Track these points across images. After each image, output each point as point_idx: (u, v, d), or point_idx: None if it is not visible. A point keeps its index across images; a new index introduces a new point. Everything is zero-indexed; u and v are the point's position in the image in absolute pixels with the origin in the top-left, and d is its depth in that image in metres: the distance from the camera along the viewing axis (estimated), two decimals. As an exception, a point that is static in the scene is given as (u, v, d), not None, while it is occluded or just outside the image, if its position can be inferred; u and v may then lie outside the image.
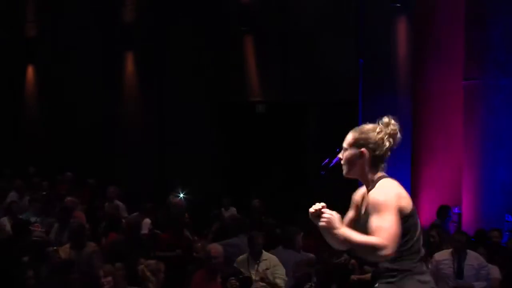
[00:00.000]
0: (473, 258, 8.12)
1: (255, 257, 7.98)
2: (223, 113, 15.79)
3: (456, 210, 12.26)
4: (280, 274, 7.89)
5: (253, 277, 7.68)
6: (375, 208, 3.54)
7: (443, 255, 8.05)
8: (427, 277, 3.65)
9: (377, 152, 3.69)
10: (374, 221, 3.49)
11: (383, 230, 3.44)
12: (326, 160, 3.90)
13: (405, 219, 3.57)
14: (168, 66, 15.96)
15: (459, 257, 8.05)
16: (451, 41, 12.75)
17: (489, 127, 11.87)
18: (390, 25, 13.41)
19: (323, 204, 3.68)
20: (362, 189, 3.86)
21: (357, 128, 3.78)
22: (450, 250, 8.15)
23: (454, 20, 12.70)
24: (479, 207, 11.83)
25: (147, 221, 10.49)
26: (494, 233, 10.04)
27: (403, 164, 12.29)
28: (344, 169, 3.76)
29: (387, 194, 3.57)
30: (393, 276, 3.57)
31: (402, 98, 12.96)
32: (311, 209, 3.69)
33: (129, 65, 16.98)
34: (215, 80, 15.62)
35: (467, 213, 12.01)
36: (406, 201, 3.61)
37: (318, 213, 3.64)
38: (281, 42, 15.27)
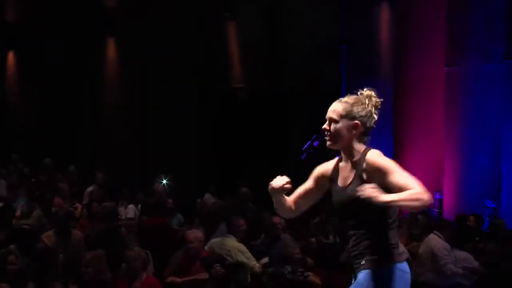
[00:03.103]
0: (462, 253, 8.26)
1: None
2: (206, 99, 15.77)
3: (437, 196, 12.36)
4: (248, 254, 7.90)
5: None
6: (389, 169, 3.52)
7: (438, 240, 8.11)
8: (406, 267, 3.63)
9: (367, 125, 3.69)
10: (398, 178, 3.47)
11: (411, 181, 3.44)
12: (307, 144, 3.85)
13: (390, 190, 3.51)
14: (151, 53, 15.89)
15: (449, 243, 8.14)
16: (432, 28, 12.81)
17: (470, 114, 11.96)
18: (373, 12, 13.44)
19: (287, 179, 3.68)
20: (330, 163, 3.83)
21: (343, 100, 3.75)
22: (436, 234, 8.20)
23: (435, 7, 12.76)
24: (459, 193, 11.94)
25: (131, 206, 10.50)
26: (470, 218, 10.13)
27: (384, 150, 12.31)
28: (330, 141, 3.69)
29: (388, 160, 3.61)
30: (382, 252, 3.56)
31: (384, 84, 13.00)
32: (275, 185, 3.68)
33: (111, 51, 16.90)
34: (199, 67, 15.59)
35: (448, 199, 12.12)
36: None
37: (282, 189, 3.67)
38: (264, 27, 15.28)
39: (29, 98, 17.23)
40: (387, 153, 3.75)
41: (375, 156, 3.62)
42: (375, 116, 3.71)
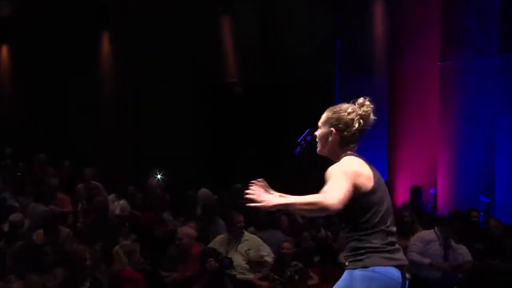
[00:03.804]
0: (460, 248, 8.24)
1: (236, 237, 8.00)
2: (201, 94, 15.75)
3: (431, 190, 12.38)
4: (266, 252, 7.92)
5: (234, 257, 7.70)
6: (328, 176, 3.58)
7: (431, 236, 8.12)
8: (397, 255, 3.63)
9: (345, 133, 3.72)
10: (327, 185, 3.52)
11: (329, 188, 3.48)
12: (300, 138, 3.93)
13: (364, 195, 3.59)
14: (145, 47, 15.86)
15: (445, 240, 8.12)
16: (426, 23, 12.81)
17: (464, 108, 11.98)
18: (367, 7, 13.43)
19: (261, 183, 3.63)
20: None
21: (331, 108, 3.83)
22: (432, 231, 8.21)
23: (430, 2, 12.77)
24: (454, 187, 11.97)
25: (123, 202, 10.49)
26: (473, 214, 10.04)
27: (379, 145, 12.38)
28: (318, 147, 3.83)
29: (342, 166, 3.63)
30: (361, 254, 3.59)
31: (378, 79, 13.02)
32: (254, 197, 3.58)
33: (105, 45, 16.86)
34: (193, 61, 15.56)
35: (442, 194, 12.14)
36: (364, 178, 3.61)
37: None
38: (259, 23, 15.26)
39: (23, 92, 17.17)
40: (381, 148, 3.76)
41: (334, 165, 3.68)
42: (356, 125, 3.73)
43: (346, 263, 3.67)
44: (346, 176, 3.55)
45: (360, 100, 3.80)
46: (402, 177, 12.70)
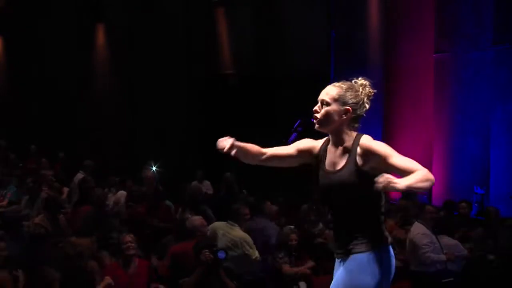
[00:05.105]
0: (446, 239, 8.27)
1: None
2: (195, 85, 15.74)
3: (426, 182, 12.38)
4: (252, 244, 7.96)
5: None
6: (387, 153, 3.54)
7: (421, 228, 8.12)
8: (392, 250, 3.65)
9: (358, 112, 3.68)
10: (398, 161, 3.48)
11: (412, 162, 3.45)
12: (295, 126, 3.87)
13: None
14: (139, 39, 15.83)
15: (433, 229, 8.15)
16: (421, 14, 12.80)
17: (459, 100, 11.99)
18: (362, -1, 13.43)
19: (231, 141, 3.70)
20: (319, 142, 3.83)
21: (337, 84, 3.75)
22: (420, 224, 8.20)
23: (425, -6, 12.77)
24: (448, 179, 11.98)
25: (122, 193, 10.51)
26: (462, 204, 10.15)
27: (374, 136, 12.37)
28: (319, 123, 3.68)
29: (383, 144, 3.62)
30: (381, 234, 3.59)
31: (373, 71, 13.02)
32: (224, 149, 3.69)
33: (99, 35, 16.82)
34: (188, 53, 15.54)
35: (437, 185, 12.15)
36: None
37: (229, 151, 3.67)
38: (253, 12, 15.23)
39: (17, 84, 17.13)
40: (376, 139, 3.75)
41: (369, 141, 3.62)
42: (367, 106, 3.71)
43: (353, 247, 3.59)
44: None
45: (361, 80, 3.78)
46: (396, 168, 12.71)
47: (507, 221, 8.96)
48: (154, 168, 11.37)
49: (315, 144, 3.85)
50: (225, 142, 3.72)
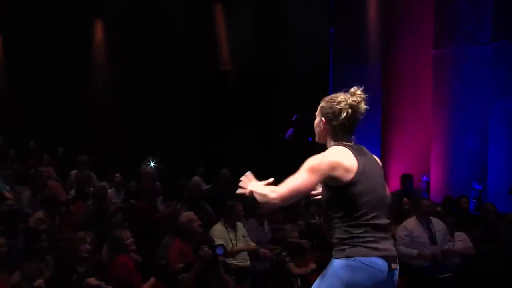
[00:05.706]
0: (437, 223, 8.24)
1: (232, 226, 8.02)
2: (194, 82, 15.74)
3: (424, 178, 12.41)
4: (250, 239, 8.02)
5: (235, 245, 7.77)
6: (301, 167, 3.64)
7: (412, 223, 8.12)
8: (383, 245, 3.62)
9: (333, 122, 3.73)
10: (292, 176, 3.61)
11: (286, 181, 3.56)
12: (293, 118, 3.99)
13: (343, 187, 3.59)
14: (138, 35, 15.82)
15: (427, 224, 8.15)
16: (420, 10, 12.81)
17: (458, 96, 12.00)
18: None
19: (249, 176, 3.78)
20: None
21: (327, 97, 3.83)
22: (413, 218, 8.21)
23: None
24: (447, 175, 12.00)
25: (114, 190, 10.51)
26: (462, 200, 10.17)
27: (373, 133, 12.40)
28: (314, 136, 3.88)
29: (315, 158, 3.63)
30: (345, 244, 3.60)
31: (372, 67, 13.03)
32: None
33: (98, 33, 16.81)
34: (187, 50, 15.54)
35: (435, 181, 12.18)
36: (341, 170, 3.58)
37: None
38: (252, 10, 15.23)
39: (17, 83, 17.12)
40: (375, 136, 3.77)
41: (314, 155, 3.70)
42: (344, 114, 3.71)
43: (333, 252, 3.68)
44: (312, 170, 3.56)
45: (352, 89, 3.79)
46: (395, 164, 12.73)
47: (506, 216, 8.97)
48: (152, 164, 11.39)
49: None
50: (245, 184, 3.80)
